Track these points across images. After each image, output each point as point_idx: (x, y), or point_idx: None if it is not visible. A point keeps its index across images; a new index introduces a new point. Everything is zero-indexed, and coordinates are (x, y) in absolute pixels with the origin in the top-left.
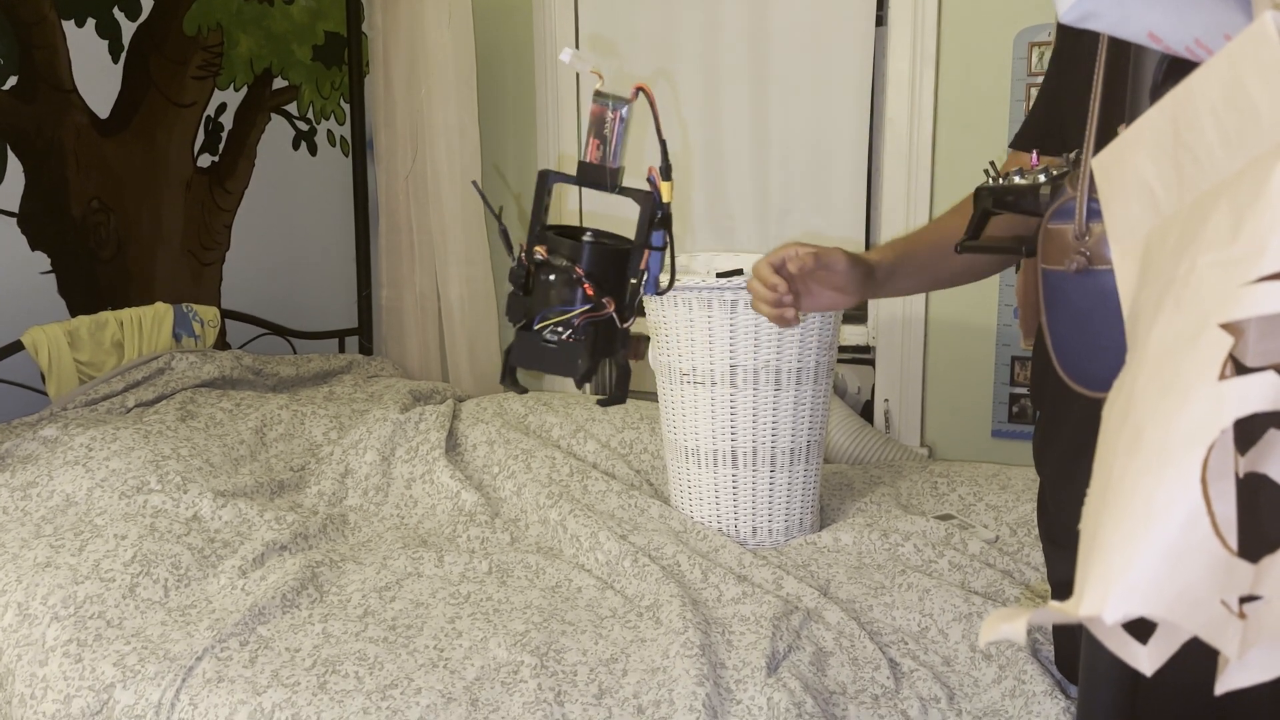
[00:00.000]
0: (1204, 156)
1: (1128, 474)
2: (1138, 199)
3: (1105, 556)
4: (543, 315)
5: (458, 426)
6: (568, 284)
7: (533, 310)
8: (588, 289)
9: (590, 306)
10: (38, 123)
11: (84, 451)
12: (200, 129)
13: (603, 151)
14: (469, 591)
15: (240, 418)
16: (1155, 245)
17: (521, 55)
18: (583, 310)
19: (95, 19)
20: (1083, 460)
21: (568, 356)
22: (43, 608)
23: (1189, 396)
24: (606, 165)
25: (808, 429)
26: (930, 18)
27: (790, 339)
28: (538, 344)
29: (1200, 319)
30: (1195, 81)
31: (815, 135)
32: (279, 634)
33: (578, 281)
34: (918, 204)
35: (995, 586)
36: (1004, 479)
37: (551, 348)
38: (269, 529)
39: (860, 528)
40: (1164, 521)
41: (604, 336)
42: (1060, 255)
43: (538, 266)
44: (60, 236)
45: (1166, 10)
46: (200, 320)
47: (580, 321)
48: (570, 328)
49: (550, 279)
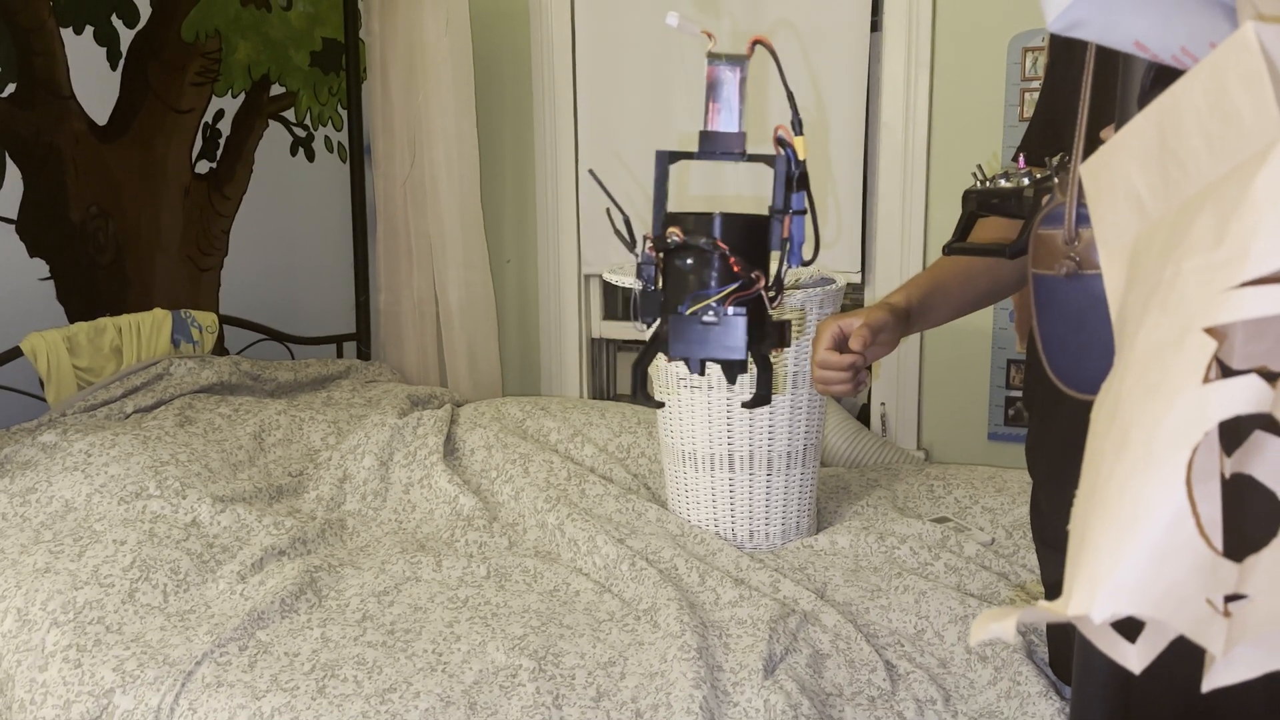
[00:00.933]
0: (1189, 163)
1: (1115, 475)
2: (1125, 204)
3: (1093, 556)
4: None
5: (456, 431)
6: (709, 264)
7: (671, 301)
8: (734, 265)
9: (740, 284)
10: (36, 129)
11: (83, 457)
12: (198, 135)
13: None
14: (467, 596)
15: (239, 423)
16: (1142, 250)
17: (519, 60)
18: (732, 289)
19: (93, 26)
20: (1073, 462)
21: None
22: (42, 613)
23: (1174, 399)
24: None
25: (804, 433)
26: (925, 23)
27: None
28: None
29: (1185, 323)
30: (1181, 89)
31: (811, 139)
32: (278, 639)
33: (723, 258)
34: (913, 207)
35: (991, 589)
36: (1000, 481)
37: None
38: (267, 534)
39: (857, 531)
40: (1150, 522)
41: (755, 318)
42: (1050, 260)
43: (671, 252)
44: (59, 243)
45: (1153, 19)
46: (199, 326)
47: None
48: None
49: (689, 262)
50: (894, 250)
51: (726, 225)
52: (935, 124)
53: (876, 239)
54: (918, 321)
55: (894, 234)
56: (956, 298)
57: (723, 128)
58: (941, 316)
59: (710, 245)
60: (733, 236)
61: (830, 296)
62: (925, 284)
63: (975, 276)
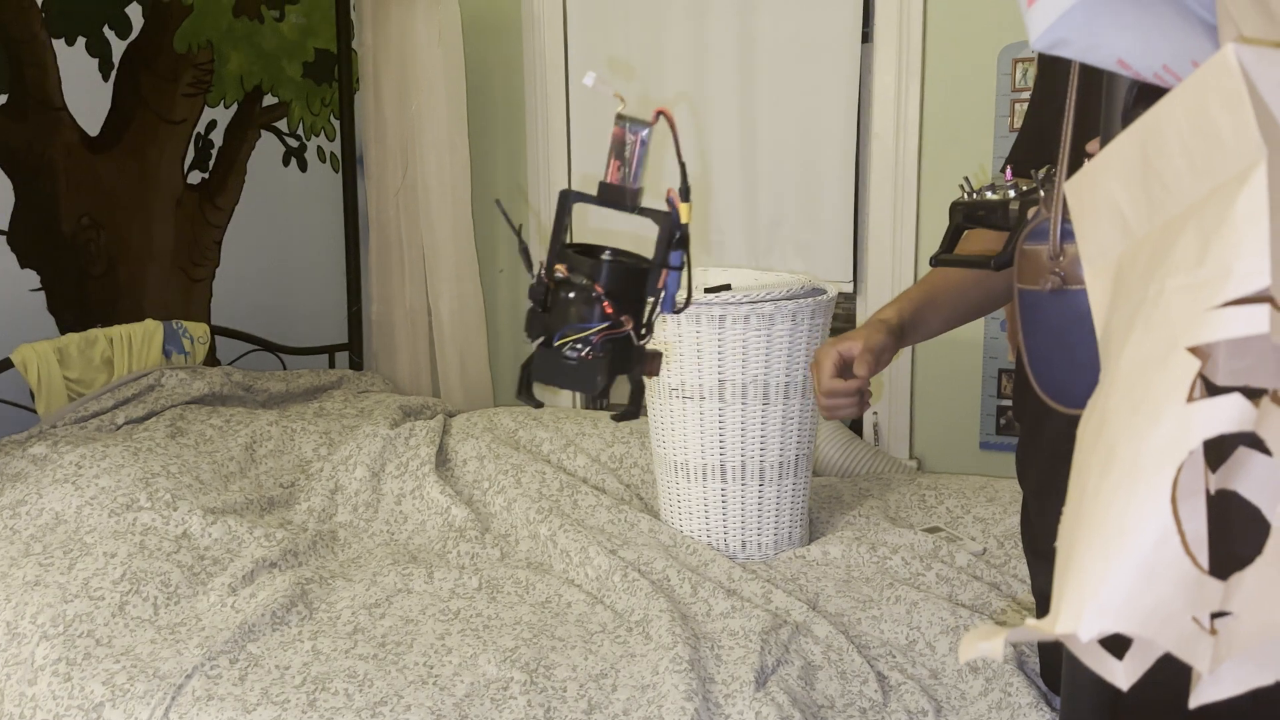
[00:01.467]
0: (1172, 182)
1: (1101, 492)
2: (1109, 222)
3: (1080, 574)
4: (562, 332)
5: (448, 442)
6: (587, 302)
7: (551, 327)
8: (606, 307)
9: (608, 324)
10: (28, 140)
11: (73, 469)
12: (191, 146)
13: (623, 173)
14: (459, 608)
15: (230, 434)
16: (1126, 267)
17: (511, 72)
18: (601, 328)
19: (86, 37)
20: (1061, 474)
21: (586, 373)
22: (32, 626)
23: (1159, 417)
24: (627, 186)
25: (796, 443)
26: (915, 34)
27: (778, 354)
28: (558, 360)
29: (1169, 341)
30: (1163, 109)
31: (803, 150)
32: (269, 651)
33: (597, 300)
34: (904, 217)
35: (982, 599)
36: (991, 491)
37: (571, 364)
38: (259, 546)
39: (849, 541)
40: (1136, 539)
41: (620, 354)
42: (1036, 275)
43: (558, 284)
44: (50, 254)
45: (1135, 38)
46: (190, 337)
47: (599, 339)
48: (589, 345)
49: (570, 296)
50: (885, 260)
51: (611, 271)
52: (926, 134)
53: (868, 249)
54: (910, 335)
55: (885, 244)
56: (948, 310)
57: (620, 182)
58: (933, 329)
59: (589, 287)
60: (614, 281)
61: (822, 307)
62: (917, 298)
63: (966, 289)
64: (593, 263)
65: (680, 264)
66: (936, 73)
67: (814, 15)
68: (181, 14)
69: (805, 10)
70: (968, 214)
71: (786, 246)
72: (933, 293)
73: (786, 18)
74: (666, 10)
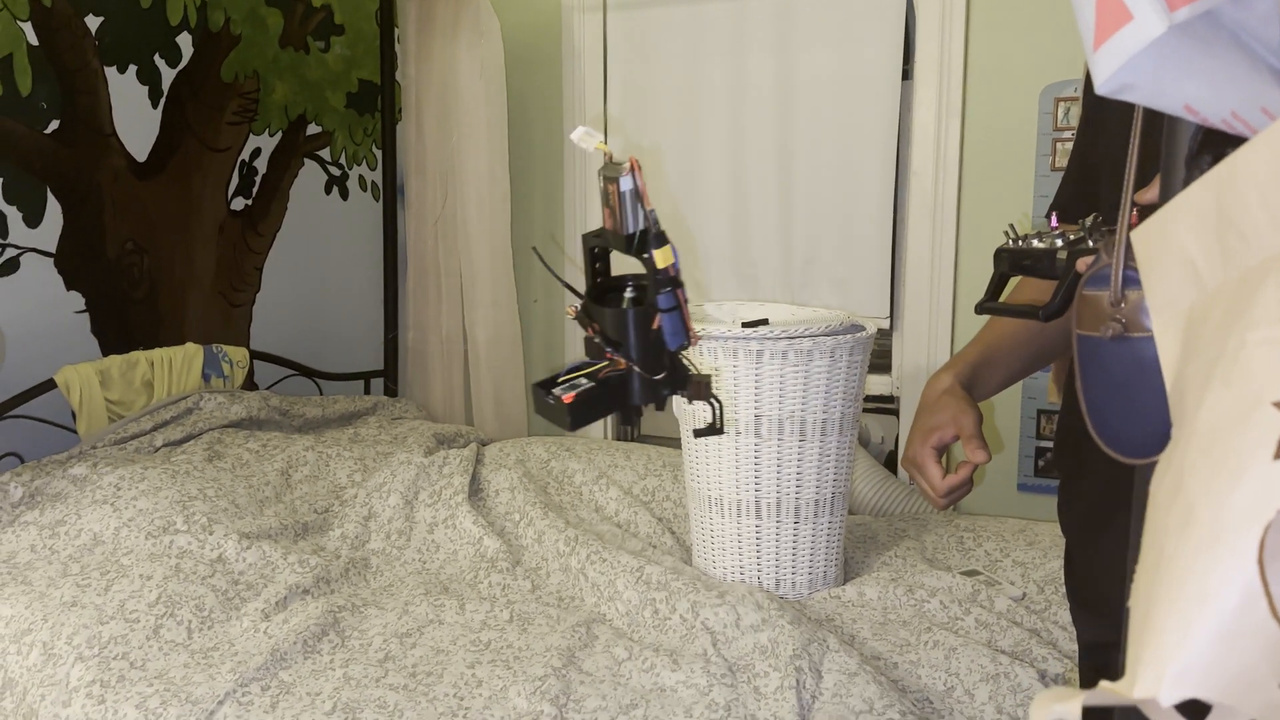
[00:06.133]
0: (1250, 233)
1: (1180, 553)
2: (1179, 272)
3: (1159, 637)
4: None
5: (481, 471)
6: (592, 344)
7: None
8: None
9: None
10: (77, 166)
11: (112, 490)
12: (234, 173)
13: (615, 220)
14: (489, 639)
15: (266, 459)
16: (1199, 320)
17: (550, 104)
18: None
19: (137, 65)
20: (1102, 519)
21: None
22: (68, 647)
23: (1242, 476)
24: (620, 232)
25: (833, 480)
26: (956, 72)
27: (816, 390)
28: (545, 398)
29: (1252, 397)
30: (1240, 160)
31: (841, 187)
32: (300, 679)
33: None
34: (943, 256)
35: (1023, 646)
36: (1031, 535)
37: (549, 404)
38: (292, 572)
39: (885, 582)
40: (1219, 602)
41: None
42: (1095, 321)
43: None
44: (95, 277)
45: (1202, 84)
46: (229, 361)
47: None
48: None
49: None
50: (923, 297)
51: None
52: (966, 173)
53: (905, 285)
54: (973, 393)
55: (923, 281)
56: (1003, 370)
57: (615, 229)
58: (991, 389)
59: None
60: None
61: (861, 343)
62: (974, 359)
63: (1019, 345)
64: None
65: (670, 306)
66: (977, 111)
67: (854, 51)
68: (230, 44)
69: (845, 46)
70: (1014, 262)
71: (821, 282)
72: (988, 352)
73: (826, 53)
74: (707, 45)
